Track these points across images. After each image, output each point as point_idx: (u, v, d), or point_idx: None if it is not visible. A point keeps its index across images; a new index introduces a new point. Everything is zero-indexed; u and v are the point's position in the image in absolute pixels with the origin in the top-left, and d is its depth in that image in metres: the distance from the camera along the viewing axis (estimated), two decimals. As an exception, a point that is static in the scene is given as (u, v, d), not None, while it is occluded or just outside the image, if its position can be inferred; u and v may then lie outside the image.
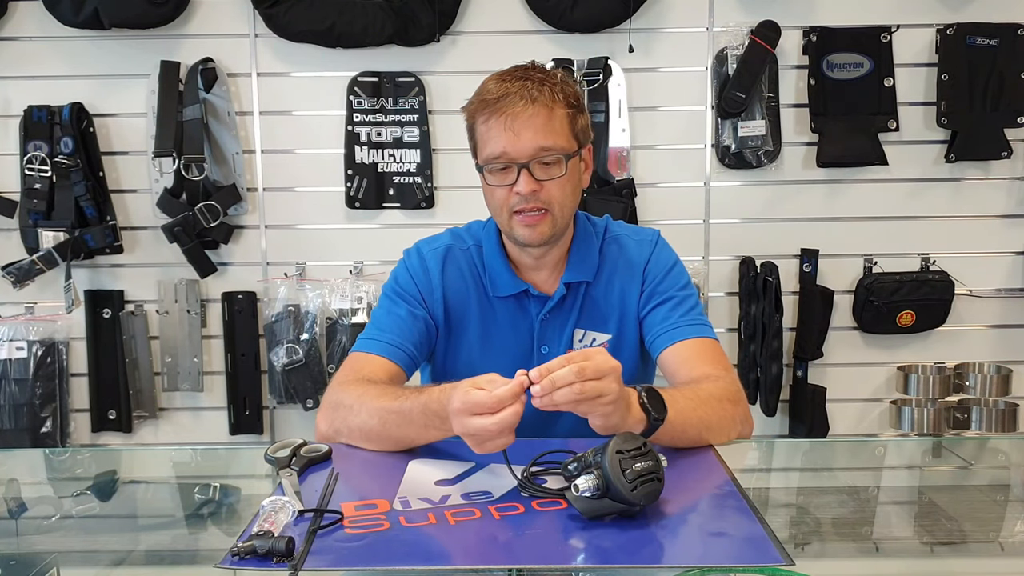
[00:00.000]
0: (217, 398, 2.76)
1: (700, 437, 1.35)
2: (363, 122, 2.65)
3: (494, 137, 1.46)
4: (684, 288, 1.59)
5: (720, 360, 1.52)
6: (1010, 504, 1.31)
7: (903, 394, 2.70)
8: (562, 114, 1.47)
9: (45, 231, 2.56)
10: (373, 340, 1.54)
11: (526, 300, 1.58)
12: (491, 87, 1.47)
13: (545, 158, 1.46)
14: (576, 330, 1.58)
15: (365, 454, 1.39)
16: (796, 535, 1.13)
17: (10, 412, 2.61)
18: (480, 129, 1.49)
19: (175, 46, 2.63)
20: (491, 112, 1.45)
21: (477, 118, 1.49)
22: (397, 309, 1.57)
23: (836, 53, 2.62)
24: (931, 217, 2.71)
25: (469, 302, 1.60)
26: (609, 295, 1.59)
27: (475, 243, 1.63)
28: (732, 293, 2.72)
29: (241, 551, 0.97)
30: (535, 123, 1.44)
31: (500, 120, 1.44)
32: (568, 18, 2.57)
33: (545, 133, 1.45)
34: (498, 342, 1.59)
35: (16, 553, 1.14)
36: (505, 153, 1.45)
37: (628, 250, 1.61)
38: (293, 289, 2.67)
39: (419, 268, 1.61)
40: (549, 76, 1.49)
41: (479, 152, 1.52)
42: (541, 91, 1.45)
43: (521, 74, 1.48)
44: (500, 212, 1.51)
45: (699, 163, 2.69)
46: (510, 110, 1.44)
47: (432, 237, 1.67)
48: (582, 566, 1.02)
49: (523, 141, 1.44)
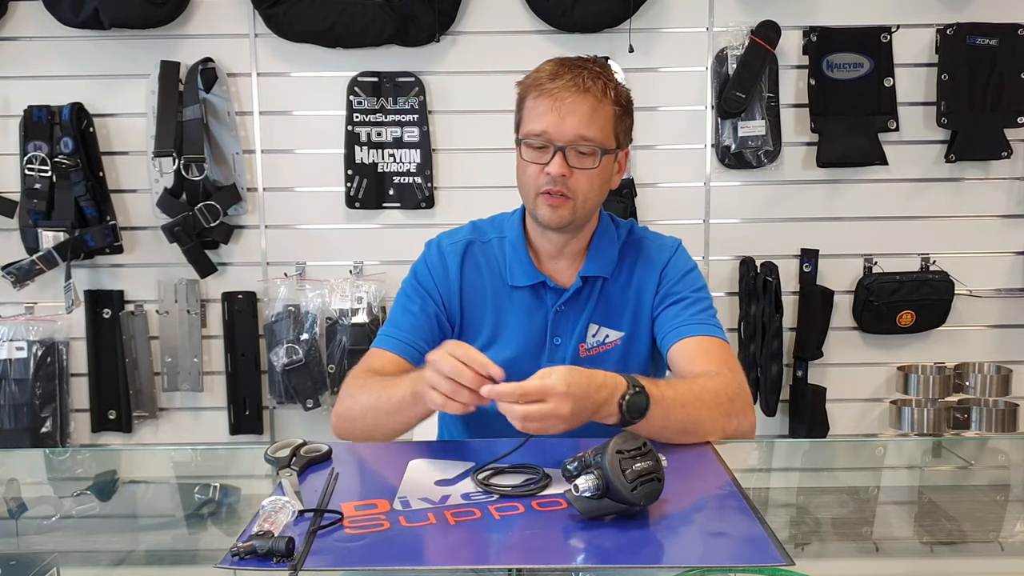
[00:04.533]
0: (217, 398, 2.76)
1: (685, 432, 1.35)
2: (363, 122, 2.65)
3: (540, 115, 1.49)
4: (698, 291, 1.62)
5: (725, 358, 1.52)
6: (1010, 504, 1.31)
7: (903, 394, 2.70)
8: (609, 110, 1.51)
9: (45, 231, 2.56)
10: (388, 337, 1.61)
11: (543, 291, 1.61)
12: (548, 68, 1.52)
13: (582, 147, 1.49)
14: (590, 325, 1.61)
15: (365, 454, 1.39)
16: (796, 535, 1.13)
17: (10, 412, 2.61)
18: (528, 104, 1.53)
19: (175, 46, 2.63)
20: (542, 91, 1.49)
21: (528, 93, 1.53)
22: (411, 306, 1.63)
23: (836, 53, 2.62)
24: (931, 217, 2.71)
25: (485, 295, 1.63)
26: (625, 293, 1.62)
27: (497, 235, 1.67)
28: (732, 293, 2.72)
29: (241, 551, 0.97)
30: (581, 110, 1.48)
31: (548, 100, 1.48)
32: (568, 18, 2.57)
33: (588, 123, 1.48)
34: (512, 331, 1.61)
35: (16, 553, 1.14)
36: (546, 132, 1.49)
37: (648, 252, 1.65)
38: (293, 289, 2.67)
39: (438, 263, 1.65)
40: (606, 72, 1.53)
41: (522, 126, 1.55)
42: (595, 83, 1.49)
43: (580, 63, 1.52)
44: (527, 188, 1.55)
45: (699, 163, 2.69)
46: (560, 93, 1.48)
47: (453, 231, 1.70)
48: (582, 566, 1.02)
49: (566, 125, 1.48)
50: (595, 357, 1.60)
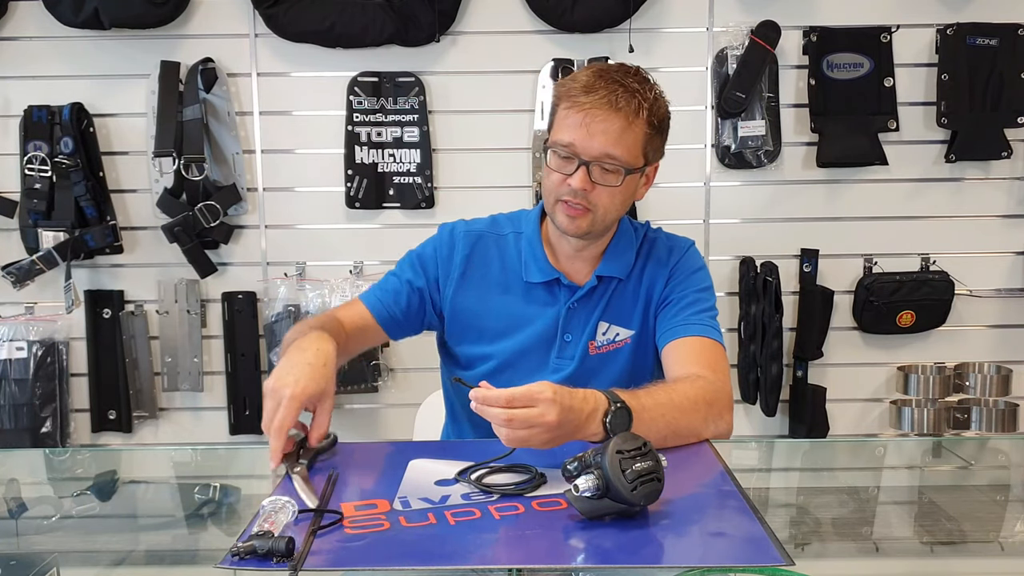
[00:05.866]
0: (217, 398, 2.76)
1: (664, 439, 1.34)
2: (363, 122, 2.65)
3: (569, 127, 1.48)
4: (701, 291, 1.62)
5: (713, 362, 1.52)
6: (1010, 504, 1.31)
7: (903, 394, 2.70)
8: (640, 131, 1.49)
9: (45, 231, 2.56)
10: (370, 293, 1.69)
11: (556, 288, 1.62)
12: (584, 78, 1.49)
13: (607, 164, 1.48)
14: (600, 323, 1.61)
15: (366, 454, 1.39)
16: (796, 535, 1.13)
17: (10, 412, 2.61)
18: (560, 112, 1.51)
19: (175, 46, 2.63)
20: (574, 103, 1.47)
21: (561, 102, 1.51)
22: (403, 275, 1.67)
23: (836, 53, 2.62)
24: (931, 217, 2.71)
25: (493, 287, 1.64)
26: (636, 291, 1.63)
27: (514, 231, 1.67)
28: (732, 293, 2.72)
29: (241, 551, 0.97)
30: (611, 129, 1.46)
31: (580, 114, 1.47)
32: (568, 18, 2.57)
33: (616, 142, 1.47)
34: (524, 326, 1.62)
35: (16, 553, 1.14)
36: (572, 145, 1.48)
37: (659, 252, 1.65)
38: (293, 289, 2.66)
39: (446, 246, 1.67)
40: (644, 89, 1.49)
41: (552, 132, 1.54)
42: (629, 102, 1.46)
43: (619, 77, 1.48)
44: (549, 193, 1.55)
45: (699, 163, 2.69)
46: (592, 108, 1.46)
47: (473, 220, 1.72)
48: (582, 566, 1.02)
49: (593, 142, 1.46)
50: (604, 355, 1.61)
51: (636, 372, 1.60)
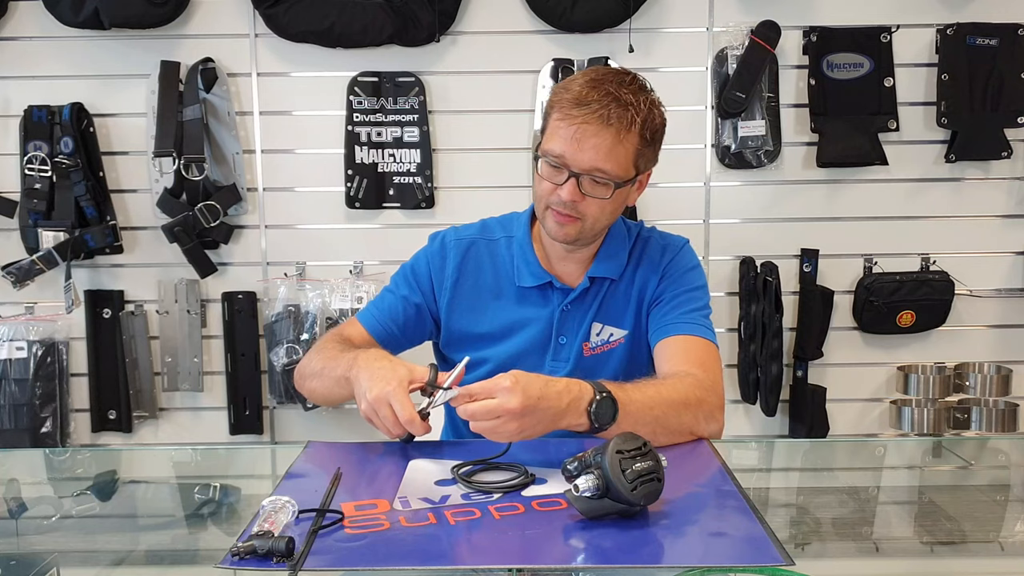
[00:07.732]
0: (217, 398, 2.76)
1: (653, 435, 1.31)
2: (363, 122, 2.65)
3: (560, 138, 1.47)
4: (694, 290, 1.62)
5: (704, 360, 1.52)
6: (1010, 504, 1.31)
7: (903, 394, 2.70)
8: (631, 145, 1.48)
9: (45, 231, 2.56)
10: (367, 312, 1.69)
11: (549, 291, 1.62)
12: (577, 88, 1.47)
13: (597, 177, 1.47)
14: (594, 324, 1.62)
15: (366, 454, 1.39)
16: (796, 535, 1.14)
17: (10, 412, 2.61)
18: (552, 122, 1.50)
19: (175, 46, 2.63)
20: (566, 115, 1.46)
21: (554, 110, 1.50)
22: (399, 291, 1.68)
23: (836, 53, 2.62)
24: (931, 217, 2.70)
25: (486, 293, 1.64)
26: (629, 291, 1.63)
27: (505, 235, 1.68)
28: (732, 293, 2.72)
29: (241, 551, 0.97)
30: (601, 144, 1.45)
31: (571, 127, 1.45)
32: (568, 18, 2.57)
33: (606, 157, 1.46)
34: (519, 330, 1.62)
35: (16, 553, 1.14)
36: (562, 157, 1.47)
37: (652, 251, 1.65)
38: (293, 289, 2.66)
39: (437, 256, 1.68)
40: (638, 101, 1.47)
41: (544, 139, 1.53)
42: (621, 117, 1.44)
43: (613, 88, 1.46)
44: (540, 201, 1.55)
45: (699, 163, 2.69)
46: (583, 123, 1.44)
47: (463, 226, 1.72)
48: (582, 566, 1.03)
49: (583, 156, 1.46)
50: (599, 356, 1.61)
51: (631, 372, 1.60)
